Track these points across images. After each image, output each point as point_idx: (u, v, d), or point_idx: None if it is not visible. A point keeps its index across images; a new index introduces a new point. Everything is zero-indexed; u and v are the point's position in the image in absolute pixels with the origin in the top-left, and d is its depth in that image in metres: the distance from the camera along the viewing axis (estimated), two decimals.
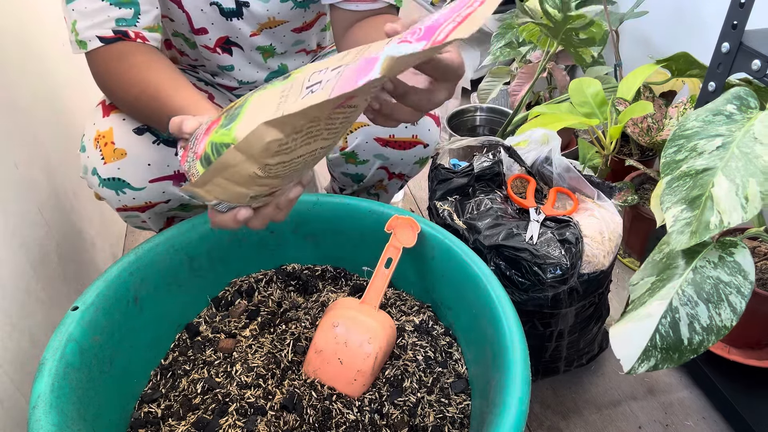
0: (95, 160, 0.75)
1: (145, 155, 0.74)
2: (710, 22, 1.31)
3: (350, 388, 0.73)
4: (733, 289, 0.64)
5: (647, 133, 1.20)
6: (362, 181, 0.95)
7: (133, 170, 0.75)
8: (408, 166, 0.91)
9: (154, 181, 0.75)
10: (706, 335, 0.64)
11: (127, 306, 0.73)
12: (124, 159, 0.74)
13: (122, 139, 0.74)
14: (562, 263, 0.82)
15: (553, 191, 0.94)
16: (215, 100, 0.91)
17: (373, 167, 0.91)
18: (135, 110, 0.69)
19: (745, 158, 0.65)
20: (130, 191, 0.76)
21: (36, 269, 0.83)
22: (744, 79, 1.01)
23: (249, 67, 0.92)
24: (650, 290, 0.68)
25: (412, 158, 0.90)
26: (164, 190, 0.77)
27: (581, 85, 1.17)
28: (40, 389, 0.58)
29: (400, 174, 0.94)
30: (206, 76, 0.96)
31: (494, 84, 1.64)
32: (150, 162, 0.74)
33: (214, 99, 0.90)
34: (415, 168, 0.93)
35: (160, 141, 0.74)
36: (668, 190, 0.69)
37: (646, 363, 0.64)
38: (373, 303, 0.78)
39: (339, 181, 0.99)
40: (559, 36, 1.33)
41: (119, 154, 0.74)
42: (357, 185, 0.97)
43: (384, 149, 0.87)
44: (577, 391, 1.02)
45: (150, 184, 0.76)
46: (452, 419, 0.71)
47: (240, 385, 0.74)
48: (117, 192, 0.76)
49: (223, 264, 0.86)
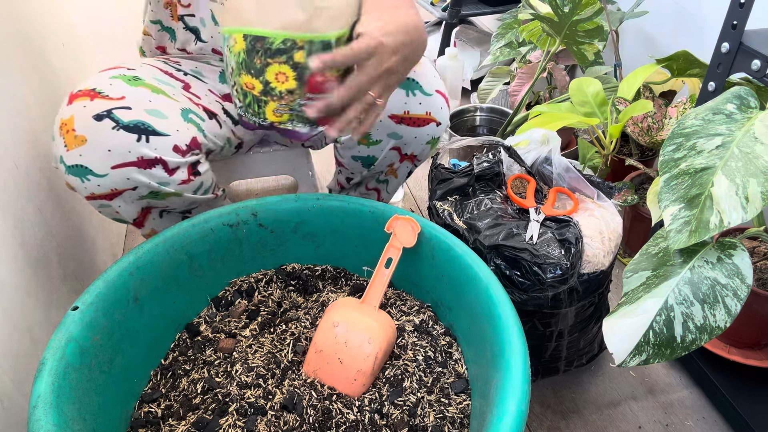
0: (60, 148, 0.76)
1: (104, 141, 0.74)
2: (710, 22, 1.31)
3: (350, 388, 0.73)
4: (730, 292, 0.64)
5: (647, 132, 1.20)
6: (373, 164, 0.95)
7: (94, 156, 0.75)
8: (420, 146, 0.92)
9: (116, 167, 0.76)
10: (699, 334, 0.64)
11: (127, 306, 0.73)
12: (85, 145, 0.74)
13: (82, 125, 0.74)
14: (562, 263, 0.82)
15: (553, 191, 0.94)
16: (191, 89, 0.90)
17: (385, 148, 0.91)
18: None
19: (746, 158, 0.65)
20: (94, 178, 0.76)
21: (36, 269, 0.83)
22: (744, 78, 1.01)
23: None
24: (645, 285, 0.68)
25: (425, 137, 0.91)
26: (128, 177, 0.77)
27: (581, 85, 1.17)
28: (40, 389, 0.58)
29: (412, 155, 0.94)
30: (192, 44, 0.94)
31: (494, 84, 1.64)
32: (110, 148, 0.75)
33: (190, 89, 0.90)
34: (426, 149, 0.94)
35: (120, 127, 0.75)
36: (666, 188, 0.69)
37: (637, 357, 0.65)
38: (373, 303, 0.78)
39: (348, 168, 0.99)
40: (563, 31, 1.33)
41: (80, 140, 0.74)
42: (367, 170, 0.97)
43: (398, 126, 0.88)
44: (577, 391, 1.02)
45: (112, 171, 0.76)
46: (452, 419, 0.71)
47: (240, 385, 0.74)
48: (82, 179, 0.77)
49: (223, 264, 0.86)
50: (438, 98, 0.88)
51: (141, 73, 0.84)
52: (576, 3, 1.26)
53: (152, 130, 0.76)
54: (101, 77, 0.79)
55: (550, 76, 1.54)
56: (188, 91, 0.88)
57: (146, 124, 0.76)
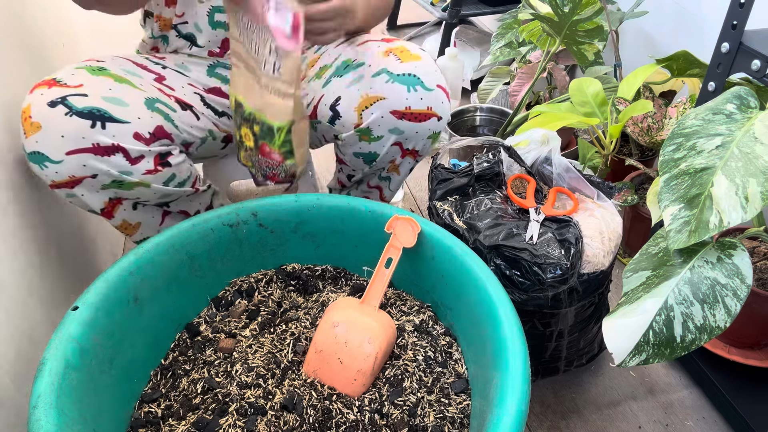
0: (21, 136, 0.77)
1: (57, 127, 0.75)
2: (710, 22, 1.31)
3: (350, 388, 0.73)
4: (730, 292, 0.64)
5: (647, 132, 1.20)
6: (375, 161, 0.95)
7: (49, 142, 0.75)
8: (422, 141, 0.92)
9: (71, 153, 0.76)
10: (699, 334, 0.64)
11: (127, 306, 0.73)
12: (40, 132, 0.75)
13: (37, 112, 0.75)
14: (562, 263, 0.82)
15: (553, 191, 0.94)
16: (165, 81, 0.91)
17: (387, 144, 0.91)
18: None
19: (745, 158, 0.65)
20: (51, 164, 0.77)
21: (36, 269, 0.83)
22: (744, 78, 1.01)
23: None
24: (645, 285, 0.68)
25: (426, 131, 0.91)
26: (84, 164, 0.77)
27: (582, 85, 1.17)
28: (40, 389, 0.59)
29: (414, 150, 0.94)
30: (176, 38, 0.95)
31: (494, 84, 1.64)
32: (63, 134, 0.75)
33: (163, 80, 0.90)
34: (428, 144, 0.94)
35: (73, 113, 0.75)
36: (666, 188, 0.69)
37: (637, 357, 0.65)
38: (373, 303, 0.78)
39: (350, 165, 0.99)
40: (563, 31, 1.33)
41: (35, 127, 0.75)
42: (369, 166, 0.97)
43: (399, 122, 0.88)
44: (577, 391, 1.02)
45: (67, 157, 0.76)
46: (452, 419, 0.71)
47: (240, 385, 0.74)
48: (40, 166, 0.77)
49: (223, 264, 0.86)
50: (439, 93, 0.88)
51: (109, 65, 0.84)
52: (576, 3, 1.26)
53: (108, 116, 0.77)
54: (67, 68, 0.81)
55: (550, 76, 1.54)
56: (161, 83, 0.89)
57: (102, 110, 0.77)
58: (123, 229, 0.91)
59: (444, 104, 0.90)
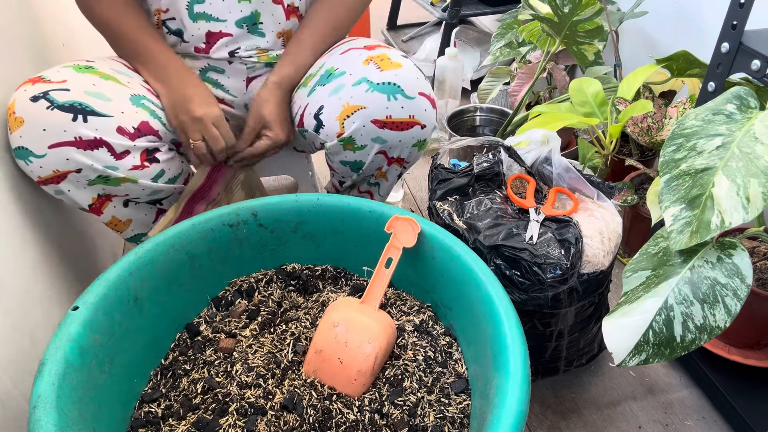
0: (7, 133, 0.78)
1: (39, 120, 0.75)
2: (710, 22, 1.31)
3: (350, 388, 0.73)
4: (730, 292, 0.64)
5: (647, 132, 1.20)
6: (361, 168, 0.94)
7: (31, 136, 0.76)
8: (406, 149, 0.91)
9: (53, 146, 0.76)
10: (699, 334, 0.64)
11: (128, 306, 0.73)
12: (23, 126, 0.76)
13: (20, 107, 0.76)
14: (562, 263, 0.82)
15: (552, 191, 0.94)
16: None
17: (371, 152, 0.90)
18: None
19: (746, 158, 0.65)
20: (35, 159, 0.77)
21: (36, 269, 0.83)
22: (744, 78, 1.01)
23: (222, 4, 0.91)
24: (645, 285, 0.68)
25: (409, 140, 0.90)
26: (67, 157, 0.77)
27: (581, 85, 1.17)
28: (40, 389, 0.58)
29: (399, 158, 0.93)
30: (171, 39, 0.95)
31: (494, 84, 1.64)
32: (45, 127, 0.75)
33: None
34: (414, 152, 0.93)
35: (55, 106, 0.75)
36: (667, 188, 0.69)
37: (637, 357, 0.65)
38: (373, 303, 0.78)
39: (338, 172, 0.99)
40: (563, 32, 1.33)
41: (19, 122, 0.76)
42: (356, 174, 0.96)
43: (381, 131, 0.87)
44: (577, 391, 1.02)
45: (50, 150, 0.76)
46: (452, 419, 0.71)
47: (240, 385, 0.74)
48: (25, 161, 0.78)
49: (223, 264, 0.86)
50: (421, 101, 0.87)
51: (97, 64, 0.85)
52: (576, 3, 1.26)
53: (90, 110, 0.77)
54: (56, 67, 0.81)
55: (550, 76, 1.54)
56: (149, 84, 0.89)
57: (84, 104, 0.77)
58: (113, 225, 0.91)
59: (428, 112, 0.88)
